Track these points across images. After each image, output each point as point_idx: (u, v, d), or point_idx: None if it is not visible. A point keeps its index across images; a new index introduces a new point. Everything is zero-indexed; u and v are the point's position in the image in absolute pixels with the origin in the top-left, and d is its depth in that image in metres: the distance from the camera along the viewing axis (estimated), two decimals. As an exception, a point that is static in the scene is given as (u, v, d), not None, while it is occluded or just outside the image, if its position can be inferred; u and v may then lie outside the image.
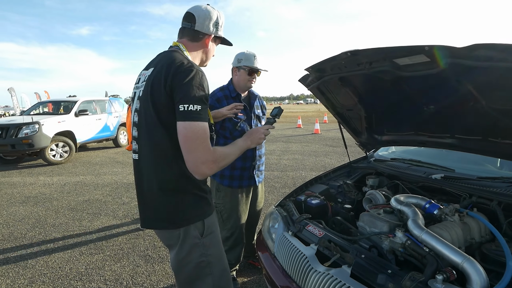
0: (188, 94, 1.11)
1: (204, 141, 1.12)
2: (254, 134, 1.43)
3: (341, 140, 2.51)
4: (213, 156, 1.15)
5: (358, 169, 2.66)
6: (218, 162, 1.18)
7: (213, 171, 1.18)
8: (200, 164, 1.13)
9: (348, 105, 2.23)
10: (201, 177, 1.18)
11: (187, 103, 1.10)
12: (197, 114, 1.11)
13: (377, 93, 1.91)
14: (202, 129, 1.12)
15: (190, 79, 1.12)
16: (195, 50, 1.37)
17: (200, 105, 1.12)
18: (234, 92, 2.25)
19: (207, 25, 1.33)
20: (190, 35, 1.35)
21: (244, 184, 2.27)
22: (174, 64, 1.16)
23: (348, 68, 1.69)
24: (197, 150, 1.11)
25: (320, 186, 2.43)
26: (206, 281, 1.30)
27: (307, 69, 1.89)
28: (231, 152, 1.28)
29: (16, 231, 3.62)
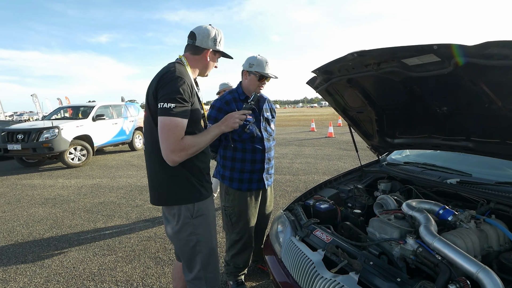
0: (165, 94, 1.33)
1: (174, 133, 1.31)
2: (228, 119, 1.57)
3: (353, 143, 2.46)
4: (181, 145, 1.33)
5: (369, 173, 2.60)
6: (186, 150, 1.36)
7: (182, 158, 1.37)
8: (169, 153, 1.33)
9: (358, 107, 2.19)
10: (172, 164, 1.37)
11: (163, 101, 1.32)
12: (170, 111, 1.30)
13: (388, 95, 1.86)
14: (174, 123, 1.31)
15: (169, 82, 1.34)
16: (196, 62, 1.58)
17: (175, 103, 1.31)
18: (243, 95, 2.25)
19: (205, 41, 1.54)
20: (192, 50, 1.57)
21: (253, 187, 2.26)
22: (162, 73, 1.41)
23: (356, 69, 1.66)
24: (167, 140, 1.31)
25: (329, 190, 2.38)
26: (196, 259, 1.55)
27: (314, 71, 1.87)
28: (201, 140, 1.45)
29: (35, 231, 3.75)
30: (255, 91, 2.24)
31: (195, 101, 1.48)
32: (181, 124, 1.33)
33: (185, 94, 1.35)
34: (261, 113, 2.27)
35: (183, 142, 1.34)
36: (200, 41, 1.54)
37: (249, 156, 2.21)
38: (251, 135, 2.19)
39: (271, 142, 2.32)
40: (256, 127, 2.23)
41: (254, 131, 2.21)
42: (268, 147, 2.27)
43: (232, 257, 2.39)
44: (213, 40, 1.55)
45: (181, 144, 1.33)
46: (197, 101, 1.53)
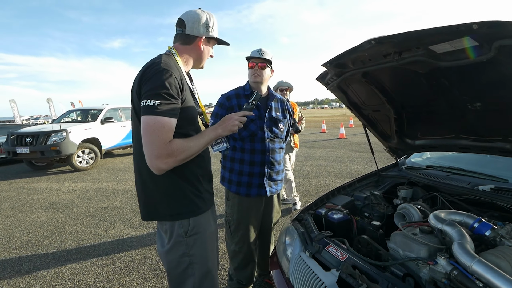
0: (148, 90, 1.13)
1: (160, 134, 1.11)
2: (226, 121, 1.36)
3: (368, 145, 2.21)
4: (168, 150, 1.13)
5: (387, 178, 2.36)
6: (175, 156, 1.15)
7: (169, 166, 1.16)
8: (154, 159, 1.13)
9: (374, 105, 1.96)
10: (158, 172, 1.16)
11: (146, 98, 1.12)
12: (154, 108, 1.11)
13: (409, 90, 1.63)
14: (159, 123, 1.11)
15: (153, 76, 1.15)
16: (188, 53, 1.39)
17: (160, 100, 1.12)
18: (249, 91, 2.06)
19: (196, 27, 1.34)
20: (182, 39, 1.37)
21: (252, 193, 2.05)
22: (145, 66, 1.22)
23: (373, 61, 1.43)
24: (151, 143, 1.12)
25: (343, 197, 2.15)
26: (187, 283, 1.32)
27: (324, 64, 1.65)
28: (194, 144, 1.23)
29: (34, 238, 3.63)
30: (253, 81, 2.05)
31: (187, 97, 1.29)
32: (168, 124, 1.14)
33: (172, 89, 1.16)
34: (267, 111, 2.06)
35: (170, 146, 1.14)
36: (190, 28, 1.34)
37: (247, 157, 2.01)
38: (251, 134, 1.99)
39: (276, 144, 2.09)
40: (258, 126, 2.02)
41: (255, 130, 2.00)
42: (270, 148, 2.04)
43: (235, 270, 2.18)
44: (205, 26, 1.35)
45: (168, 148, 1.13)
46: (191, 97, 1.34)
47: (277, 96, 2.17)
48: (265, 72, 2.02)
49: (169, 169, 1.17)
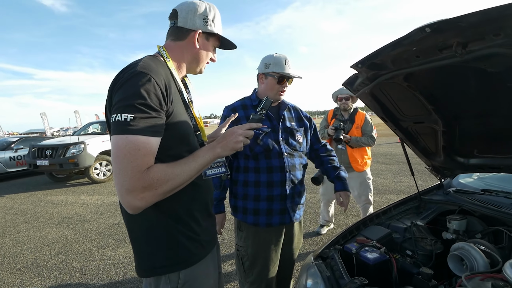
0: (119, 100, 0.86)
1: (134, 160, 0.82)
2: (227, 137, 1.03)
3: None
4: (145, 180, 0.83)
5: (431, 203, 1.93)
6: (155, 188, 0.85)
7: (147, 202, 0.86)
8: (125, 193, 0.83)
9: (417, 115, 1.58)
10: (132, 211, 0.86)
11: (116, 112, 0.84)
12: (127, 126, 0.82)
13: (468, 96, 1.24)
14: (133, 145, 0.82)
15: (126, 82, 0.87)
16: (180, 51, 1.09)
17: (133, 113, 0.83)
18: (256, 101, 1.75)
19: (191, 18, 1.06)
20: (174, 34, 1.10)
21: (274, 222, 1.70)
22: (118, 73, 0.94)
23: (423, 57, 1.07)
24: (122, 173, 0.82)
25: (377, 228, 1.75)
26: None
27: (355, 65, 1.30)
28: (183, 170, 0.92)
29: (41, 257, 3.47)
30: (274, 97, 1.73)
31: (177, 108, 0.98)
32: (145, 146, 0.84)
33: (151, 97, 0.86)
34: (281, 121, 1.74)
35: (148, 174, 0.84)
36: (183, 19, 1.06)
37: (264, 177, 1.67)
38: (266, 149, 1.66)
39: (295, 159, 1.75)
40: (273, 139, 1.69)
41: (270, 143, 1.66)
42: (290, 164, 1.71)
43: (247, 315, 1.82)
44: (203, 18, 1.06)
45: (145, 178, 0.83)
46: (183, 108, 1.04)
47: (289, 104, 1.85)
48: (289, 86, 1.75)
49: (147, 206, 0.86)
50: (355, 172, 3.27)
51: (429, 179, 5.84)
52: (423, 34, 0.91)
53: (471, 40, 0.89)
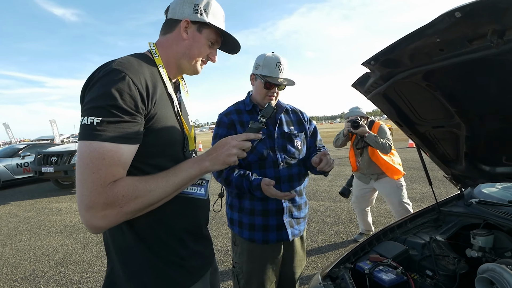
0: (88, 102, 0.73)
1: (96, 171, 0.70)
2: (219, 149, 0.89)
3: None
4: (107, 197, 0.70)
5: (451, 216, 1.75)
6: (120, 206, 0.72)
7: (109, 222, 0.72)
8: (83, 210, 0.70)
9: (437, 119, 1.42)
10: (92, 230, 0.73)
11: (83, 114, 0.73)
12: (92, 131, 0.71)
13: (501, 96, 1.08)
14: (96, 153, 0.70)
15: (97, 81, 0.75)
16: (169, 46, 0.96)
17: (101, 116, 0.71)
18: (250, 105, 1.61)
19: (180, 8, 0.94)
20: (164, 28, 0.99)
21: (271, 239, 1.54)
22: (95, 70, 0.80)
23: (448, 51, 0.92)
24: (82, 185, 0.70)
25: (392, 244, 1.58)
26: None
27: (367, 62, 1.15)
28: (158, 185, 0.78)
29: (39, 268, 3.36)
30: (261, 102, 1.59)
31: (161, 111, 0.85)
32: (111, 154, 0.72)
33: (124, 98, 0.73)
34: (276, 126, 1.59)
35: (112, 189, 0.71)
36: (172, 10, 0.95)
37: None
38: (260, 157, 1.51)
39: (293, 168, 1.57)
40: (268, 146, 1.54)
41: (264, 152, 1.51)
42: (286, 174, 1.54)
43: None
44: (193, 6, 0.93)
45: (108, 193, 0.70)
46: (170, 112, 0.90)
47: (287, 107, 1.70)
48: (281, 91, 1.61)
49: (110, 226, 0.73)
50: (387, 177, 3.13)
51: (442, 187, 5.59)
52: (452, 21, 0.76)
53: (510, 26, 0.74)
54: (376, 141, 2.94)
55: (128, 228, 0.84)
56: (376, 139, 2.94)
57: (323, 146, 1.74)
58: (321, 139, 1.78)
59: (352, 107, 3.34)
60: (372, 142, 2.97)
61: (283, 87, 1.58)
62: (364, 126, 2.98)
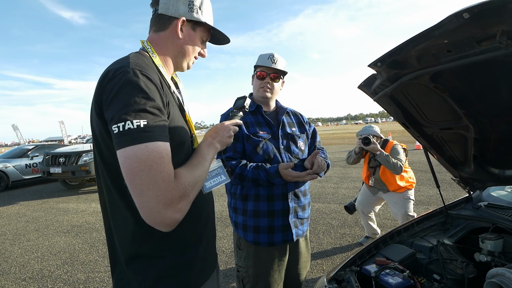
0: (121, 108, 0.71)
1: (162, 170, 0.71)
2: (220, 131, 0.99)
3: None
4: (179, 189, 0.74)
5: (459, 219, 1.73)
6: (187, 195, 0.76)
7: (183, 213, 0.75)
8: (163, 209, 0.70)
9: (445, 121, 1.40)
10: (170, 227, 0.74)
11: (122, 121, 0.70)
12: (142, 133, 0.70)
13: (510, 97, 1.07)
14: (156, 153, 0.71)
15: (120, 86, 0.73)
16: (164, 45, 0.94)
17: (144, 118, 0.71)
18: (253, 105, 1.63)
19: (173, 4, 0.91)
20: (155, 24, 0.95)
21: (277, 240, 1.53)
22: (103, 74, 0.79)
23: (456, 52, 0.91)
24: (153, 187, 0.69)
25: (399, 247, 1.57)
26: None
27: (373, 64, 1.15)
28: (202, 171, 0.85)
29: (47, 267, 3.40)
30: (256, 95, 1.65)
31: (173, 111, 0.85)
32: (166, 153, 0.74)
33: (157, 98, 0.76)
34: (280, 127, 1.61)
35: (179, 181, 0.75)
36: (164, 4, 0.91)
37: (264, 190, 1.51)
38: (267, 158, 1.52)
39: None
40: (273, 147, 1.55)
41: (271, 152, 1.53)
42: None
43: None
44: (188, 3, 0.91)
45: (179, 186, 0.74)
46: (178, 111, 0.91)
47: (288, 109, 1.73)
48: (277, 85, 1.63)
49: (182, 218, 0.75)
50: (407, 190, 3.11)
51: (450, 189, 5.52)
52: (460, 22, 0.76)
53: (520, 27, 0.73)
54: (387, 160, 2.91)
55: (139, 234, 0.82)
56: (387, 158, 2.91)
57: (322, 148, 1.75)
58: (320, 141, 1.80)
59: (366, 126, 3.32)
60: (383, 161, 2.94)
61: (277, 80, 1.62)
62: (375, 143, 2.96)
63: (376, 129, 3.21)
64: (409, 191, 3.11)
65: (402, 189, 3.08)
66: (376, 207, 3.48)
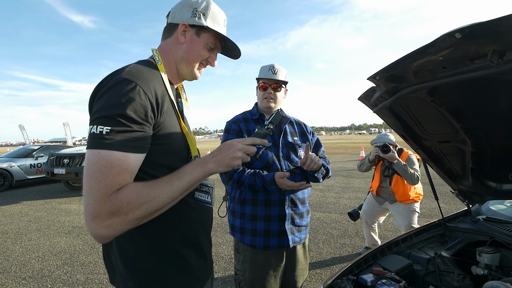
0: (97, 111, 0.75)
1: (102, 179, 0.70)
2: (224, 151, 0.89)
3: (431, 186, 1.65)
4: (112, 205, 0.70)
5: (457, 232, 1.74)
6: (125, 214, 0.72)
7: (115, 230, 0.72)
8: (89, 220, 0.70)
9: (442, 134, 1.43)
10: (98, 240, 0.73)
11: (93, 123, 0.74)
12: (101, 139, 0.72)
13: (504, 113, 1.10)
14: (105, 161, 0.71)
15: (107, 91, 0.77)
16: (169, 50, 0.98)
17: (110, 125, 0.73)
18: (257, 114, 1.69)
19: (179, 12, 0.96)
20: (164, 33, 1.01)
21: (272, 245, 1.56)
22: (101, 80, 0.83)
23: (451, 68, 0.95)
24: (88, 194, 0.71)
25: (396, 258, 1.58)
26: None
27: (372, 77, 1.19)
28: (162, 191, 0.78)
29: (47, 267, 3.43)
30: (260, 106, 1.69)
31: (169, 119, 0.87)
32: (119, 163, 0.72)
33: (135, 108, 0.75)
34: (281, 136, 1.65)
35: (117, 197, 0.71)
36: (172, 14, 0.96)
37: (262, 195, 1.56)
38: (266, 165, 1.56)
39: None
40: (273, 155, 1.59)
41: (270, 159, 1.56)
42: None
43: None
44: (192, 10, 0.94)
45: (112, 201, 0.70)
46: (175, 120, 0.92)
47: (291, 118, 1.78)
48: (279, 95, 1.67)
49: (116, 235, 0.73)
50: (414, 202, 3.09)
51: (452, 202, 5.49)
52: (452, 41, 0.80)
53: (510, 47, 0.77)
54: (404, 169, 2.87)
55: (137, 234, 0.84)
56: (405, 168, 2.88)
57: (325, 157, 1.78)
58: (324, 150, 1.83)
59: (380, 134, 3.27)
60: (400, 170, 2.90)
61: (279, 90, 1.66)
62: (394, 152, 2.93)
63: (391, 138, 3.16)
64: (415, 203, 3.09)
65: (409, 200, 3.06)
66: (381, 218, 3.45)
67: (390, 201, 3.18)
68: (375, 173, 3.37)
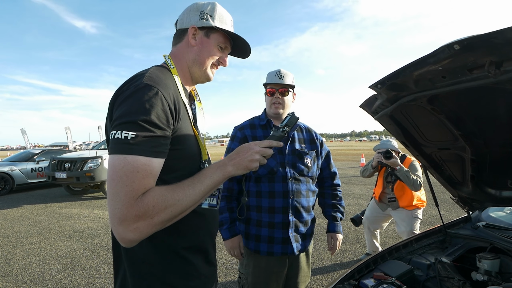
0: (120, 116, 0.77)
1: (130, 184, 0.71)
2: (241, 153, 0.90)
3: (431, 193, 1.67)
4: (139, 209, 0.71)
5: (458, 238, 1.76)
6: (151, 217, 0.73)
7: (142, 234, 0.73)
8: (116, 224, 0.71)
9: (442, 141, 1.46)
10: (124, 244, 0.74)
11: (116, 129, 0.75)
12: (126, 144, 0.73)
13: (503, 121, 1.13)
14: (131, 166, 0.72)
15: (130, 96, 0.78)
16: (181, 55, 1.00)
17: (135, 131, 0.74)
18: (264, 120, 1.71)
19: (187, 17, 0.99)
20: (174, 39, 1.03)
21: (276, 251, 1.58)
22: (121, 84, 0.86)
23: (450, 78, 0.99)
24: (115, 198, 0.71)
25: (397, 263, 1.60)
26: None
27: (374, 86, 1.23)
28: (185, 194, 0.79)
29: (48, 271, 3.43)
30: (269, 111, 1.71)
31: (184, 124, 0.89)
32: (145, 168, 0.74)
33: (158, 114, 0.77)
34: (288, 143, 1.66)
35: (142, 200, 0.72)
36: (181, 20, 0.99)
37: (266, 202, 1.57)
38: (270, 172, 1.57)
39: (302, 184, 1.63)
40: (278, 161, 1.60)
41: (274, 166, 1.57)
42: (294, 190, 1.59)
43: None
44: (199, 13, 0.96)
45: (139, 205, 0.71)
46: (189, 125, 0.93)
47: (301, 125, 1.78)
48: (287, 99, 1.68)
49: (142, 239, 0.74)
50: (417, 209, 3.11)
51: (453, 209, 5.50)
52: (451, 52, 0.83)
53: (506, 58, 0.81)
54: (407, 175, 2.89)
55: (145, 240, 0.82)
56: (408, 174, 2.90)
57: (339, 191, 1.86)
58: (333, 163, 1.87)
59: (383, 140, 3.29)
60: (402, 176, 2.92)
61: (287, 94, 1.67)
62: (396, 158, 2.95)
63: (394, 144, 3.18)
64: (418, 209, 3.10)
65: (412, 206, 3.07)
66: (383, 224, 3.45)
67: (393, 207, 3.19)
68: (378, 179, 3.38)
